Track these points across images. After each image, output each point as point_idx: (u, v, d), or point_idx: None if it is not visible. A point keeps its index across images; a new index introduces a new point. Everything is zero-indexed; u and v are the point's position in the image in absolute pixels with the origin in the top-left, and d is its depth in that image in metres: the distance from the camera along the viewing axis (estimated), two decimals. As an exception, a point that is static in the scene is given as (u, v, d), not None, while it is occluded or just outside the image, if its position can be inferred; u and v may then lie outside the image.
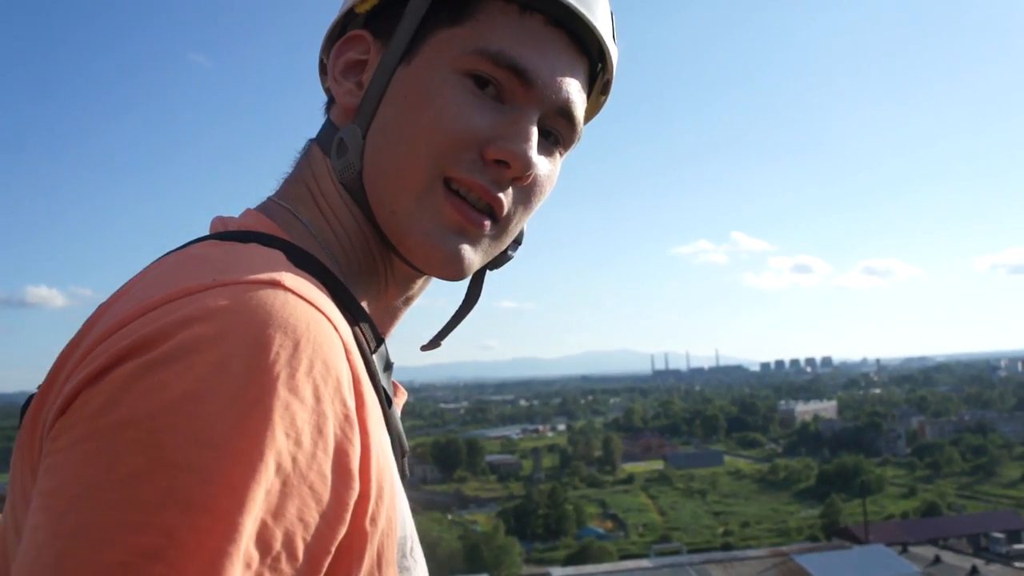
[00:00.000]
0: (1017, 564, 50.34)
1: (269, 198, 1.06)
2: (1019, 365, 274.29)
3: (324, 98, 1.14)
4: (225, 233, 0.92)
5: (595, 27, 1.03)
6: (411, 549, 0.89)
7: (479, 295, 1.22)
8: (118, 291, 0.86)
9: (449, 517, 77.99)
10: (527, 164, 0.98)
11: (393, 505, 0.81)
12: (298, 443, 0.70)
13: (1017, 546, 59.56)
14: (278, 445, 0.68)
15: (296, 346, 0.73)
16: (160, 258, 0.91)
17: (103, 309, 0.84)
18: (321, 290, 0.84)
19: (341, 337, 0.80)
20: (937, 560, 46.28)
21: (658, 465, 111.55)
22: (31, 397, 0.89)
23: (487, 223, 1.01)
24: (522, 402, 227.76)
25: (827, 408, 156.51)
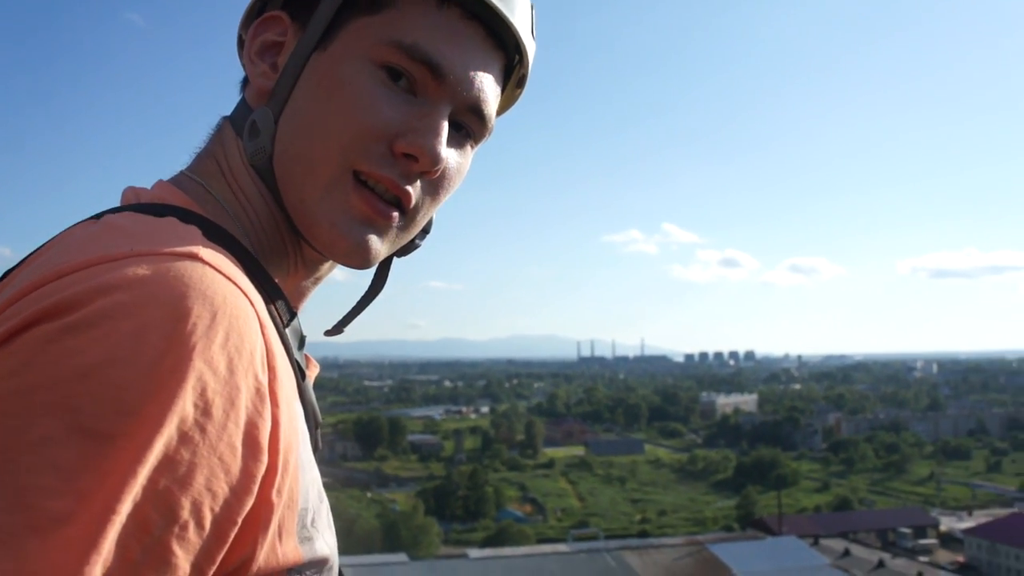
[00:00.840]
0: (922, 558, 51.78)
1: (182, 171, 1.05)
2: (933, 367, 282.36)
3: (241, 73, 1.12)
4: (142, 205, 0.92)
5: (511, 22, 1.03)
6: (312, 520, 0.90)
7: (384, 283, 1.22)
8: (31, 255, 0.87)
9: (368, 495, 77.76)
10: (435, 159, 0.99)
11: (296, 477, 0.82)
12: (208, 414, 0.70)
13: (923, 541, 61.38)
14: (189, 415, 0.69)
15: (213, 318, 0.73)
16: (74, 225, 0.90)
17: (16, 272, 0.85)
18: (237, 265, 0.85)
19: (256, 311, 0.80)
20: (847, 553, 47.33)
21: (579, 451, 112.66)
22: None
23: (395, 215, 1.01)
24: (447, 383, 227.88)
25: (748, 401, 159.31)
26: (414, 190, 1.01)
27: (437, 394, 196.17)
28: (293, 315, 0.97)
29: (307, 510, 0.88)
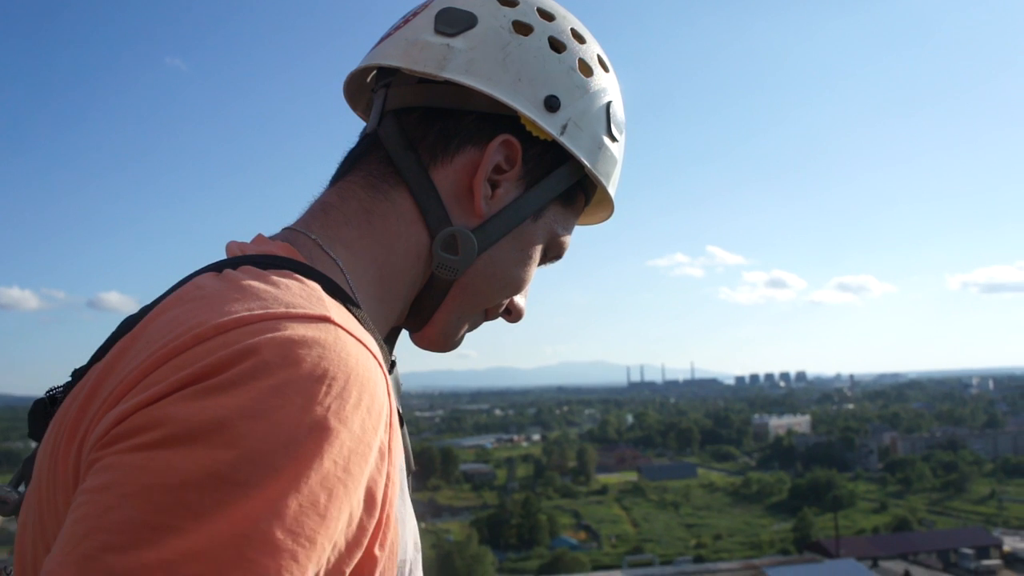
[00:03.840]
0: (985, 580, 50.81)
1: (298, 229, 1.08)
2: (990, 383, 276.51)
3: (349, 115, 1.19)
4: (261, 257, 0.95)
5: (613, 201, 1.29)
6: (409, 571, 0.93)
7: None
8: (155, 306, 0.90)
9: (422, 526, 76.81)
10: (521, 317, 1.25)
11: (397, 530, 0.85)
12: (340, 469, 0.74)
13: (986, 562, 60.08)
14: (324, 469, 0.73)
15: (347, 380, 0.77)
16: (197, 277, 0.93)
17: (142, 327, 0.88)
18: (359, 324, 0.89)
19: (383, 372, 0.84)
20: (907, 575, 46.64)
21: (632, 477, 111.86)
22: (41, 401, 0.99)
23: None
24: (497, 412, 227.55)
25: (801, 422, 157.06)
26: None
27: (488, 423, 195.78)
28: (393, 364, 1.03)
29: (405, 561, 0.92)
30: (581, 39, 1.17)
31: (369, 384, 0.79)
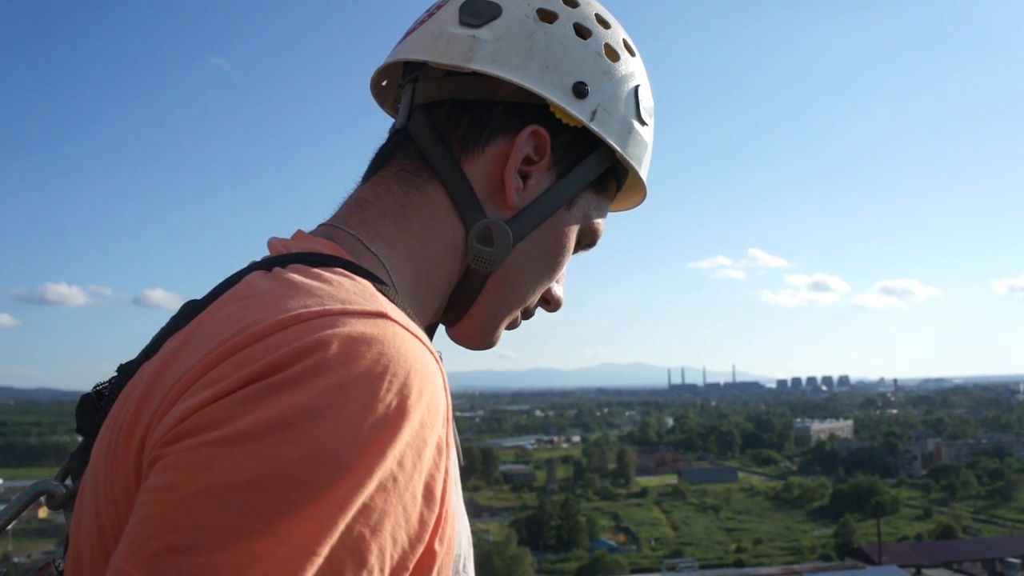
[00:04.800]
0: (1032, 589, 50.12)
1: (337, 225, 1.08)
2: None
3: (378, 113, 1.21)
4: (310, 256, 0.96)
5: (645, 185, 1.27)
6: (464, 565, 0.95)
7: None
8: (209, 307, 0.89)
9: (462, 525, 77.50)
10: (560, 306, 1.25)
11: (453, 524, 0.85)
12: (402, 466, 0.75)
13: (1032, 571, 59.23)
14: (387, 466, 0.73)
15: (407, 375, 0.77)
16: (248, 273, 0.93)
17: (196, 325, 0.88)
18: (412, 319, 0.89)
19: (440, 368, 0.84)
20: (951, 583, 46.10)
21: (672, 479, 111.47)
22: (88, 397, 0.99)
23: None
24: (537, 413, 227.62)
25: (843, 427, 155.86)
26: None
27: (528, 424, 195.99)
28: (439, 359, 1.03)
29: (460, 556, 0.92)
30: (606, 24, 1.16)
31: (428, 379, 0.80)
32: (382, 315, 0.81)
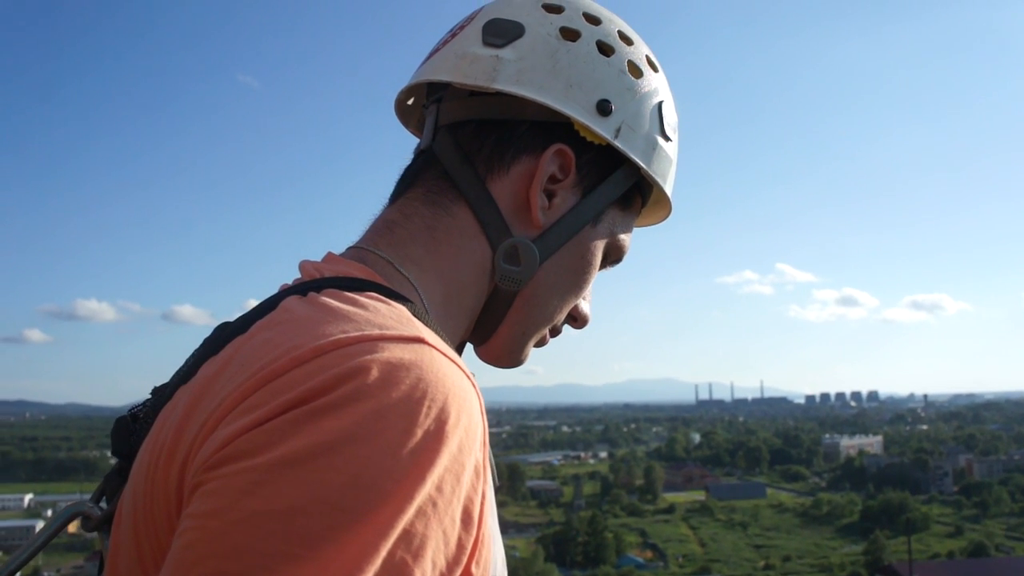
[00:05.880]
0: (1065, 608, 49.47)
1: (367, 248, 1.08)
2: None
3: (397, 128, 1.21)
4: (344, 280, 0.96)
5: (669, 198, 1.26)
6: None
7: None
8: (246, 333, 0.90)
9: (489, 541, 77.38)
10: (587, 323, 1.24)
11: (489, 547, 0.85)
12: (441, 491, 0.75)
13: (1066, 590, 58.45)
14: (426, 491, 0.73)
15: (445, 400, 0.78)
16: (284, 298, 0.93)
17: (233, 350, 0.88)
18: (447, 345, 0.89)
19: (477, 392, 0.85)
20: (982, 601, 45.60)
21: (700, 496, 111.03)
22: (124, 419, 1.00)
23: None
24: (564, 428, 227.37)
25: (872, 443, 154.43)
26: None
27: (555, 440, 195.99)
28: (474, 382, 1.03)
29: None
30: (629, 41, 1.16)
31: (466, 404, 0.80)
32: (419, 340, 0.82)
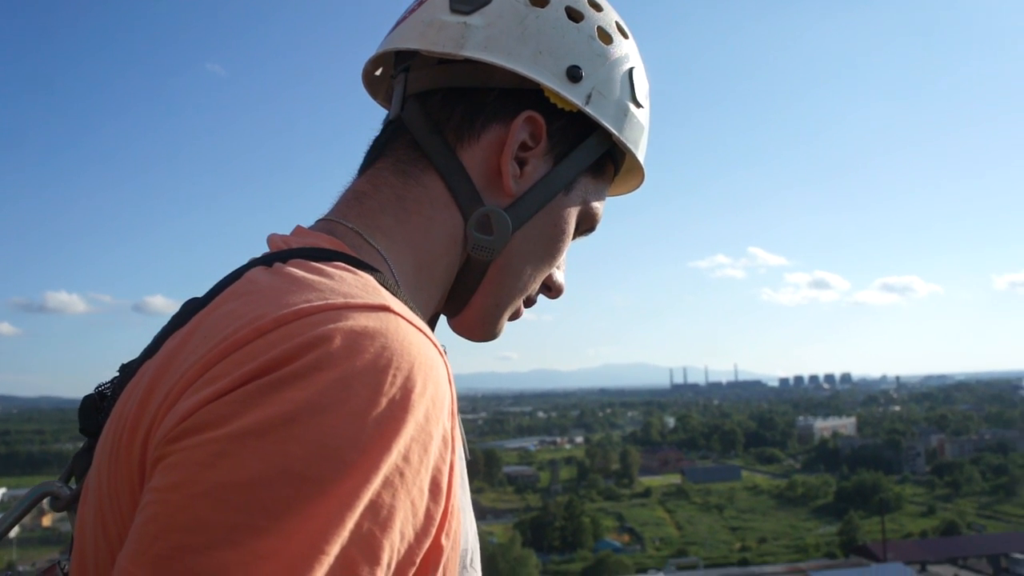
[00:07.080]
0: (1037, 585, 50.07)
1: (336, 219, 1.07)
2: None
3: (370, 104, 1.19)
4: (310, 250, 0.94)
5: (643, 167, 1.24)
6: (471, 560, 0.94)
7: None
8: (209, 304, 0.88)
9: (466, 528, 77.35)
10: (561, 292, 1.23)
11: (459, 518, 0.84)
12: (407, 460, 0.74)
13: (1037, 567, 59.14)
14: (392, 460, 0.72)
15: (411, 369, 0.76)
16: (249, 269, 0.92)
17: (197, 322, 0.86)
18: (415, 312, 0.88)
19: (444, 361, 0.83)
20: (956, 579, 46.05)
21: (675, 479, 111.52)
22: (91, 397, 0.99)
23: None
24: (540, 414, 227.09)
25: (846, 425, 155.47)
26: None
27: (531, 425, 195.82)
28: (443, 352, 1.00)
29: (467, 550, 0.92)
30: (598, 7, 1.15)
31: (432, 372, 0.79)
32: (385, 308, 0.80)
